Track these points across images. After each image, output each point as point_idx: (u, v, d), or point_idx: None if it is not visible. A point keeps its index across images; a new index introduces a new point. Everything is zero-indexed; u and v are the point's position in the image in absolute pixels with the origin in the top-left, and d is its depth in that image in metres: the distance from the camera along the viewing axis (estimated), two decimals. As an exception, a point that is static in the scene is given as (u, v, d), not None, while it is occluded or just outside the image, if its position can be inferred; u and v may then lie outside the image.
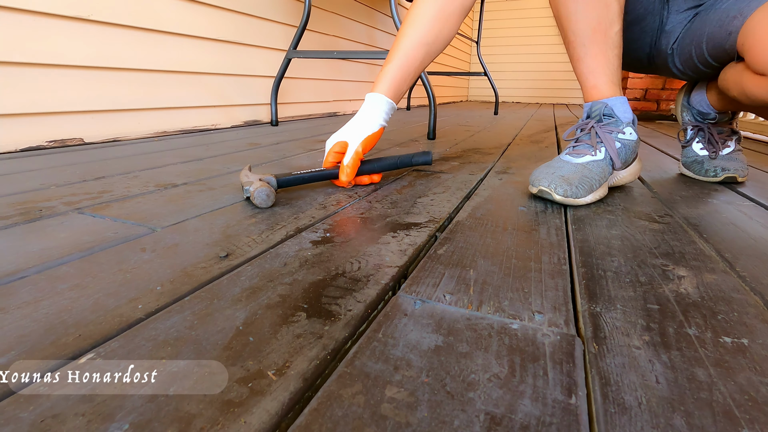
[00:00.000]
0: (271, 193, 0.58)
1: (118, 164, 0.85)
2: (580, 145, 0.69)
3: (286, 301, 0.34)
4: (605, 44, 0.67)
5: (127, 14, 1.14)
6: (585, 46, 0.67)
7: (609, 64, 0.68)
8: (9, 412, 0.22)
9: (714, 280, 0.40)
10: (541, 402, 0.24)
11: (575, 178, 0.63)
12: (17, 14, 0.92)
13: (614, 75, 0.69)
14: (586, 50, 0.68)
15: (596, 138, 0.68)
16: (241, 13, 1.54)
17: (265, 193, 0.58)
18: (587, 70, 0.69)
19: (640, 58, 0.88)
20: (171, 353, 0.27)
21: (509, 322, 0.32)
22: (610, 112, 0.68)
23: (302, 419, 0.22)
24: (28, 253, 0.42)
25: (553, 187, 0.62)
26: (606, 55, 0.67)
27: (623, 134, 0.68)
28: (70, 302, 0.33)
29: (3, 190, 0.64)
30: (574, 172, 0.64)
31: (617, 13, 0.65)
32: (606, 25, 0.65)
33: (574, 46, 0.69)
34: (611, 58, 0.68)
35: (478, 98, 5.48)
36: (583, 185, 0.63)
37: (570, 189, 0.62)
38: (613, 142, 0.67)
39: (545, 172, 0.65)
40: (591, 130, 0.69)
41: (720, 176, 0.82)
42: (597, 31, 0.66)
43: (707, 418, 0.23)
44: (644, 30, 0.82)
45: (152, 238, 0.47)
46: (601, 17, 0.65)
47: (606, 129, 0.68)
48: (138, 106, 1.22)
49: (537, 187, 0.64)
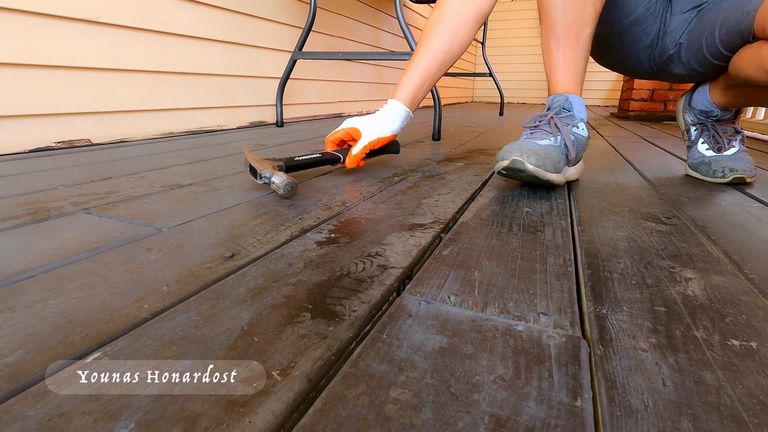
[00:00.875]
0: (296, 186, 0.64)
1: (125, 165, 0.86)
2: (538, 131, 0.73)
3: (290, 302, 0.34)
4: (576, 43, 0.71)
5: (135, 16, 1.15)
6: (558, 40, 0.72)
7: (576, 63, 0.73)
8: (17, 410, 0.22)
9: (722, 282, 0.40)
10: (546, 404, 0.24)
11: (542, 154, 0.66)
12: (26, 16, 0.93)
13: (579, 75, 0.74)
14: (558, 45, 0.73)
15: (555, 128, 0.72)
16: (247, 14, 1.55)
17: (291, 185, 0.62)
18: (557, 64, 0.74)
19: (641, 62, 0.89)
20: (177, 353, 0.27)
21: (514, 323, 0.32)
22: (569, 107, 0.72)
23: (306, 420, 0.22)
24: (36, 253, 0.42)
25: (525, 157, 0.64)
26: (575, 54, 0.72)
27: (577, 128, 0.73)
28: (77, 301, 0.33)
29: (12, 190, 0.65)
30: (540, 149, 0.67)
31: (592, 17, 0.70)
32: (580, 24, 0.70)
33: (549, 39, 0.73)
34: (579, 59, 0.73)
35: (483, 99, 5.46)
36: (550, 161, 0.66)
37: (540, 161, 0.64)
38: (570, 133, 0.72)
39: (513, 147, 0.66)
40: (550, 120, 0.73)
41: (728, 177, 0.81)
42: (572, 29, 0.71)
43: (715, 422, 0.23)
44: (646, 31, 0.83)
45: (158, 238, 0.47)
46: (577, 16, 0.70)
47: (563, 121, 0.72)
48: (145, 107, 1.23)
49: (509, 159, 0.65)
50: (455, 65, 4.48)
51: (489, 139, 1.46)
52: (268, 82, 1.70)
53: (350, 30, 2.28)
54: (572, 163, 0.75)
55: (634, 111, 2.76)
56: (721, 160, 0.84)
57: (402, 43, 3.04)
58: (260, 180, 0.65)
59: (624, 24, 0.82)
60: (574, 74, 0.73)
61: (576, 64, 0.73)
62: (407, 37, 1.38)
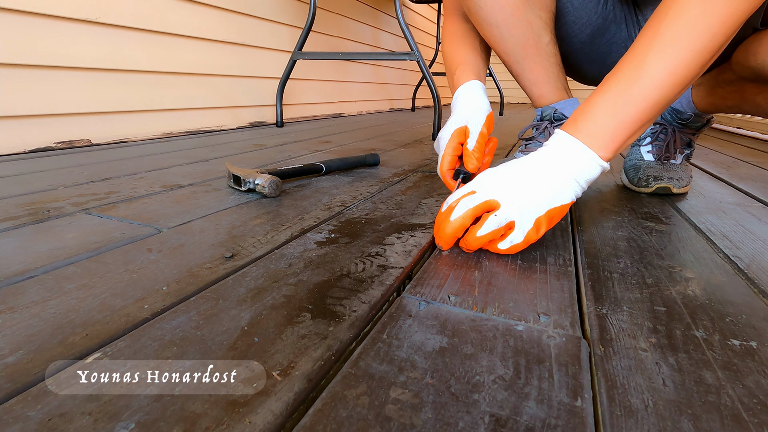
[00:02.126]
0: (280, 183, 0.65)
1: (124, 165, 0.86)
2: (532, 143, 0.72)
3: (290, 302, 0.34)
4: (539, 56, 0.68)
5: (134, 16, 1.15)
6: (519, 62, 0.69)
7: (548, 72, 0.70)
8: (17, 411, 0.22)
9: (722, 282, 0.40)
10: (546, 404, 0.24)
11: None
12: (26, 17, 0.93)
13: (557, 81, 0.70)
14: (521, 66, 0.70)
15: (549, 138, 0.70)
16: (247, 14, 1.55)
17: (275, 183, 0.64)
18: (529, 83, 0.71)
19: None
20: (177, 353, 0.27)
21: (514, 323, 0.32)
22: (560, 116, 0.70)
23: (307, 420, 0.22)
24: (36, 253, 0.42)
25: None
26: (542, 65, 0.69)
27: None
28: (77, 302, 0.33)
29: (12, 190, 0.65)
30: None
31: (542, 26, 0.66)
32: (534, 39, 0.67)
33: (510, 64, 0.71)
34: (548, 67, 0.69)
35: (483, 99, 5.45)
36: None
37: None
38: None
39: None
40: (545, 129, 0.71)
41: (651, 186, 0.72)
42: (527, 47, 0.67)
43: (715, 421, 0.23)
44: (612, 41, 0.75)
45: (158, 238, 0.47)
46: (526, 35, 0.66)
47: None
48: (145, 108, 1.23)
49: None
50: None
51: (489, 139, 1.46)
52: (268, 82, 1.70)
53: (350, 30, 2.28)
54: None
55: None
56: (650, 167, 0.75)
57: (402, 43, 3.04)
58: (244, 186, 0.66)
59: (583, 39, 0.74)
60: (552, 82, 0.70)
61: (548, 73, 0.69)
62: (407, 37, 1.38)
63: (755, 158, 1.19)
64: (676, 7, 0.41)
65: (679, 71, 0.41)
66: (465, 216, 0.43)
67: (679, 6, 0.40)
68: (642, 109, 0.43)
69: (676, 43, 0.40)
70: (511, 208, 0.42)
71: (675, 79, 0.41)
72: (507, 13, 0.64)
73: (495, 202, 0.43)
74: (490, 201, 0.43)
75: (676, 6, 0.41)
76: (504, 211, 0.42)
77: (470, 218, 0.43)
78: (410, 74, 3.25)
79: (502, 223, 0.42)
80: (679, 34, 0.40)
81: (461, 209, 0.43)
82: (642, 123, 0.44)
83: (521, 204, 0.42)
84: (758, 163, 1.11)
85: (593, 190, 0.76)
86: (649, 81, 0.41)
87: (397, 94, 3.05)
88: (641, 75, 0.42)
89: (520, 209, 0.42)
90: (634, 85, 0.42)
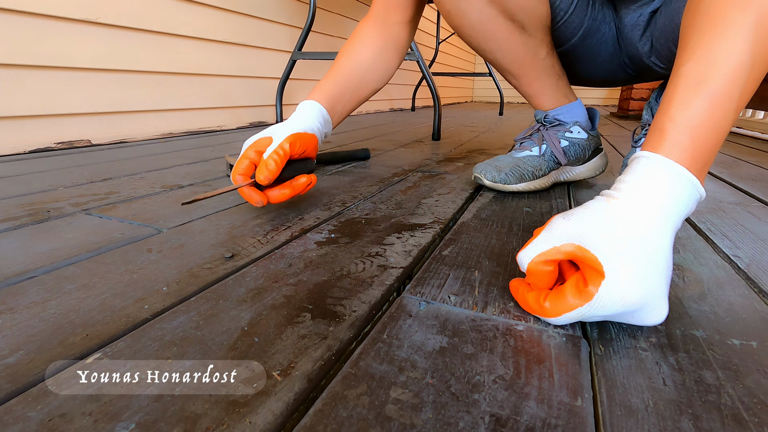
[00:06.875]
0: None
1: (124, 165, 0.86)
2: (526, 141, 0.74)
3: (291, 302, 0.34)
4: (535, 71, 0.69)
5: (134, 16, 1.15)
6: (516, 77, 0.71)
7: (545, 85, 0.71)
8: (17, 411, 0.22)
9: (722, 281, 0.40)
10: (546, 404, 0.24)
11: (506, 168, 0.70)
12: (25, 17, 0.93)
13: (554, 91, 0.71)
14: (518, 81, 0.71)
15: (541, 139, 0.73)
16: (247, 15, 1.55)
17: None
18: (527, 95, 0.74)
19: (614, 71, 0.78)
20: (177, 353, 0.27)
21: (515, 323, 0.32)
22: (551, 120, 0.73)
23: (307, 420, 0.22)
24: (36, 254, 0.42)
25: (483, 174, 0.70)
26: (539, 78, 0.70)
27: (570, 133, 0.72)
28: (77, 302, 0.33)
29: (12, 191, 0.65)
30: (508, 163, 0.71)
31: (537, 44, 0.67)
32: (529, 56, 0.67)
33: (506, 76, 0.72)
34: (546, 80, 0.70)
35: (482, 99, 5.46)
36: (514, 174, 0.69)
37: (498, 176, 0.69)
38: (558, 141, 0.72)
39: (485, 163, 0.72)
40: (538, 131, 0.74)
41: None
42: (522, 64, 0.68)
43: (715, 421, 0.23)
44: (603, 40, 0.75)
45: (158, 238, 0.47)
46: (520, 53, 0.67)
47: (552, 131, 0.72)
48: (144, 108, 1.23)
49: (473, 174, 0.73)
50: (458, 66, 4.48)
51: (489, 139, 1.46)
52: (267, 82, 1.70)
53: (350, 30, 2.28)
54: (578, 163, 0.75)
55: (634, 110, 2.76)
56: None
57: (402, 43, 3.04)
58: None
59: (575, 41, 0.74)
60: (550, 93, 0.71)
61: (545, 85, 0.70)
62: (407, 37, 1.38)
63: (755, 158, 1.19)
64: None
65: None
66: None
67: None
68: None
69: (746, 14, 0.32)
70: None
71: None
72: (500, 40, 0.66)
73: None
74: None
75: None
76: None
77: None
78: (410, 74, 3.25)
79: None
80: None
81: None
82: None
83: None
84: (758, 162, 1.11)
85: (593, 190, 0.76)
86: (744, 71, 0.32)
87: (396, 94, 3.05)
88: (736, 64, 0.32)
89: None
90: (737, 82, 0.32)
